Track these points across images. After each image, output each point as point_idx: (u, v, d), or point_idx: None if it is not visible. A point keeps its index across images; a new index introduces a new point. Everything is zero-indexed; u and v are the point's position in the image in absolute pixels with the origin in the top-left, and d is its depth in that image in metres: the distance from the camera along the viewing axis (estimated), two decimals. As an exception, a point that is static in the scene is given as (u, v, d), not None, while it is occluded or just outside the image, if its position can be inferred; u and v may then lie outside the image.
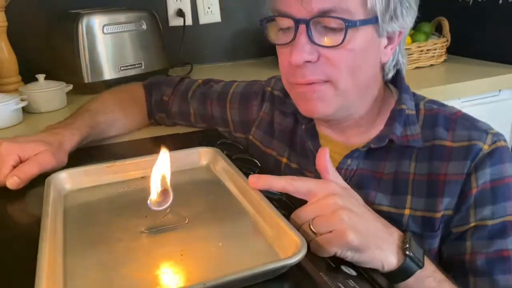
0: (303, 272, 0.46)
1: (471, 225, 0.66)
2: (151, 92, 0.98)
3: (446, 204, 0.67)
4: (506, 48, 1.45)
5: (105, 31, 1.23)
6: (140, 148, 0.90)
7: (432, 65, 1.49)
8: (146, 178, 0.54)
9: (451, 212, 0.67)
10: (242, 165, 0.69)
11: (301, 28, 0.63)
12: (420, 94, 0.77)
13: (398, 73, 0.75)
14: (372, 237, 0.53)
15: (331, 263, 0.50)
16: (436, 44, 1.47)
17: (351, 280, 0.47)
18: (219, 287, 0.41)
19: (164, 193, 0.53)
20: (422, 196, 0.68)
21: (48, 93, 1.14)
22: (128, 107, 0.94)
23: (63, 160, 0.73)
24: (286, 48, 0.66)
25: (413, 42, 1.46)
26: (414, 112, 0.71)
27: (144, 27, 1.31)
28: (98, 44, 1.23)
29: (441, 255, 0.69)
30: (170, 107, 0.96)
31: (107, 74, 1.25)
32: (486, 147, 0.66)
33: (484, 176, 0.66)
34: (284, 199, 0.59)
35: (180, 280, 0.44)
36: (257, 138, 0.87)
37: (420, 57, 1.46)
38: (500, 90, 1.36)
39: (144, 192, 0.54)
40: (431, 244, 0.68)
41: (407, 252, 0.54)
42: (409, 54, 1.43)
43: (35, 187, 0.68)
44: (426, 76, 1.41)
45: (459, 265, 0.67)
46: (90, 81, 1.23)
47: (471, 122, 0.70)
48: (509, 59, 1.44)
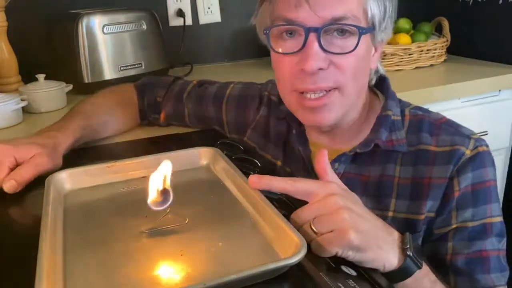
0: (303, 272, 0.46)
1: (453, 226, 0.69)
2: (143, 94, 0.98)
3: (429, 207, 0.69)
4: (506, 48, 1.45)
5: (105, 31, 1.23)
6: (140, 148, 0.90)
7: (432, 65, 1.49)
8: (146, 178, 0.54)
9: (433, 214, 0.70)
10: (242, 165, 0.68)
11: (311, 36, 0.63)
12: (406, 101, 0.78)
13: (384, 80, 0.77)
14: (373, 236, 0.53)
15: (331, 263, 0.50)
16: (436, 44, 1.47)
17: (351, 280, 0.47)
18: (219, 287, 0.41)
19: (164, 193, 0.53)
20: (406, 199, 0.71)
21: (48, 93, 1.14)
22: (120, 108, 0.94)
23: (58, 162, 0.73)
24: (292, 56, 0.66)
25: (413, 42, 1.46)
26: (399, 118, 0.73)
27: (144, 27, 1.31)
28: (98, 44, 1.23)
29: (422, 254, 0.70)
30: (164, 108, 0.96)
31: (107, 74, 1.25)
32: (468, 152, 0.69)
33: (466, 180, 0.68)
34: (284, 199, 0.59)
35: (180, 280, 0.44)
36: (252, 140, 0.87)
37: (420, 57, 1.46)
38: (500, 90, 1.36)
39: (144, 192, 0.53)
40: None
41: (408, 252, 0.55)
42: (409, 54, 1.43)
43: (35, 187, 0.68)
44: (426, 76, 1.41)
45: (440, 264, 0.69)
46: (90, 81, 1.23)
47: (454, 128, 0.72)
48: (509, 59, 1.44)
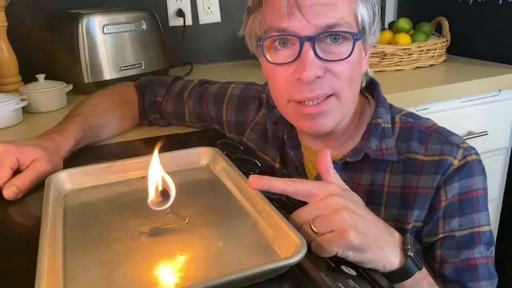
0: (303, 272, 0.46)
1: (440, 236, 0.69)
2: (143, 94, 0.98)
3: (416, 216, 0.70)
4: (506, 48, 1.45)
5: (105, 31, 1.23)
6: (140, 148, 0.90)
7: (432, 65, 1.49)
8: (146, 178, 0.54)
9: (420, 224, 0.70)
10: (242, 165, 0.69)
11: (306, 45, 0.63)
12: (397, 107, 0.78)
13: (375, 85, 0.77)
14: (373, 237, 0.53)
15: (331, 263, 0.50)
16: (436, 44, 1.47)
17: (351, 280, 0.47)
18: (219, 287, 0.41)
19: (164, 193, 0.53)
20: (395, 207, 0.71)
21: (48, 93, 1.14)
22: (120, 109, 0.94)
23: (58, 166, 0.73)
24: (287, 66, 0.66)
25: (413, 42, 1.45)
26: (390, 125, 0.73)
27: (144, 27, 1.31)
28: (98, 44, 1.23)
29: None
30: (164, 108, 0.96)
31: (107, 74, 1.25)
32: (456, 162, 0.68)
33: (453, 189, 0.68)
34: (284, 199, 0.59)
35: (180, 280, 0.44)
36: (251, 141, 0.88)
37: (420, 57, 1.46)
38: (500, 90, 1.36)
39: (144, 192, 0.53)
40: None
41: (409, 253, 0.55)
42: (409, 54, 1.43)
43: (35, 187, 0.68)
44: (426, 76, 1.41)
45: (429, 272, 0.68)
46: (90, 81, 1.23)
47: (444, 136, 0.71)
48: (509, 59, 1.44)
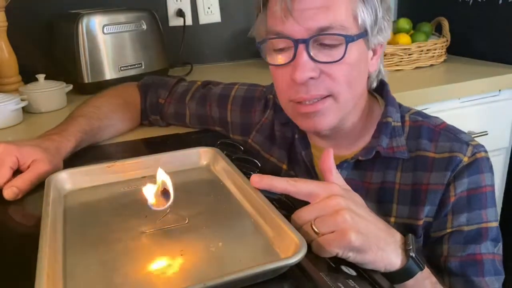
0: (303, 272, 0.46)
1: (448, 230, 0.70)
2: (146, 94, 0.98)
3: (427, 212, 0.71)
4: (506, 48, 1.45)
5: (105, 31, 1.23)
6: (140, 148, 0.90)
7: (432, 65, 1.49)
8: (146, 178, 0.54)
9: (431, 219, 0.71)
10: (242, 165, 0.69)
11: (300, 47, 0.64)
12: (406, 106, 0.79)
13: (384, 85, 0.78)
14: (374, 238, 0.53)
15: (331, 263, 0.50)
16: (436, 44, 1.47)
17: (351, 280, 0.47)
18: (219, 287, 0.41)
19: (164, 193, 0.53)
20: (406, 204, 0.72)
21: (48, 93, 1.14)
22: (122, 112, 0.94)
23: (58, 166, 0.73)
24: (286, 68, 0.67)
25: (413, 42, 1.45)
26: (399, 124, 0.74)
27: (144, 27, 1.31)
28: (98, 44, 1.23)
29: None
30: (165, 110, 0.96)
31: (107, 74, 1.25)
32: (466, 159, 0.70)
33: (462, 185, 0.69)
34: (284, 199, 0.59)
35: (180, 280, 0.44)
36: (256, 142, 0.88)
37: (420, 57, 1.46)
38: (500, 90, 1.36)
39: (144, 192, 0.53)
40: None
41: (411, 253, 0.55)
42: (409, 54, 1.43)
43: (35, 188, 0.68)
44: (426, 76, 1.41)
45: (435, 266, 0.70)
46: (90, 81, 1.23)
47: (454, 134, 0.73)
48: (509, 59, 1.44)
